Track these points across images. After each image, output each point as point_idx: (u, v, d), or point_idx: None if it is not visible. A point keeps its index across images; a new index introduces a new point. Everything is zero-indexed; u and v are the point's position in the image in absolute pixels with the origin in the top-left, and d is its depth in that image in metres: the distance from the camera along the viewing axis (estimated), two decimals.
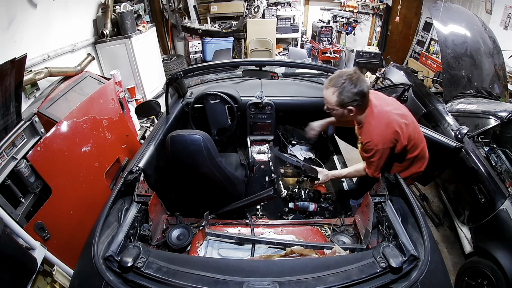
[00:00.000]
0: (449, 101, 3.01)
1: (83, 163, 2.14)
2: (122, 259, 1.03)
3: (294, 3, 6.33)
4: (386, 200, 1.42)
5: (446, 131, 2.72)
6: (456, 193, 2.64)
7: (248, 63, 2.54)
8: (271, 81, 2.46)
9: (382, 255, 1.08)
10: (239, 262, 1.23)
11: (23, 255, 1.52)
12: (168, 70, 5.34)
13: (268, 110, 2.59)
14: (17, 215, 1.69)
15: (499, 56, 3.17)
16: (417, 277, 1.03)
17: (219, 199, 1.93)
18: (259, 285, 0.98)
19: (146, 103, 2.51)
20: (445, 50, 2.94)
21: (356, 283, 1.00)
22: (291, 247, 1.31)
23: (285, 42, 6.65)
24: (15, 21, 2.70)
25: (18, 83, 1.87)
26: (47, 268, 1.70)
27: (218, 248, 1.41)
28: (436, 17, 3.10)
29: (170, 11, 5.63)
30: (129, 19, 4.11)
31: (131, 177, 1.53)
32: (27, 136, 1.94)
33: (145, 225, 1.45)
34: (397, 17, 5.92)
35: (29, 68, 2.74)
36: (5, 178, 1.68)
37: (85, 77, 3.01)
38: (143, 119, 4.31)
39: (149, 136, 2.18)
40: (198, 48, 5.84)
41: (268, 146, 2.60)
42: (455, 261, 2.62)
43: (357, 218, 1.64)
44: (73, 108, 2.24)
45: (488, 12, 4.64)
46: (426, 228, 1.22)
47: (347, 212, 2.01)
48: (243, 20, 5.80)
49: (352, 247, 1.44)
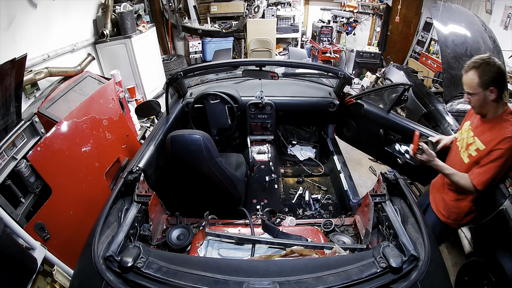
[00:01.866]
0: (449, 101, 3.02)
1: (83, 163, 2.15)
2: (122, 259, 1.03)
3: (294, 3, 6.33)
4: (386, 200, 1.42)
5: (446, 131, 2.72)
6: None
7: (248, 63, 2.54)
8: (271, 81, 2.46)
9: (382, 255, 1.08)
10: (239, 262, 1.23)
11: (23, 255, 1.52)
12: (168, 70, 5.34)
13: (268, 110, 2.59)
14: (17, 215, 1.69)
15: (499, 56, 3.16)
16: (417, 277, 1.03)
17: (219, 199, 1.93)
18: (259, 285, 0.98)
19: (146, 103, 2.52)
20: (445, 50, 2.93)
21: (356, 283, 1.00)
22: (291, 247, 1.31)
23: (285, 42, 6.65)
24: (15, 21, 2.70)
25: (18, 83, 1.87)
26: (47, 268, 1.70)
27: (218, 248, 1.41)
28: (436, 17, 3.09)
29: (170, 11, 5.63)
30: (129, 19, 4.11)
31: (131, 177, 1.53)
32: (27, 136, 1.94)
33: (145, 225, 1.45)
34: (397, 17, 5.92)
35: (29, 68, 2.74)
36: (5, 178, 1.68)
37: (85, 77, 3.01)
38: (143, 119, 4.31)
39: (149, 136, 2.18)
40: (198, 48, 5.84)
41: (268, 146, 2.60)
42: (455, 261, 2.62)
43: (357, 218, 1.64)
44: (73, 108, 2.24)
45: (488, 12, 4.64)
46: (426, 228, 1.22)
47: (347, 212, 2.01)
48: (243, 20, 5.80)
49: (352, 247, 1.44)
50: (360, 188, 3.33)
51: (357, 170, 3.72)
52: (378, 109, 2.35)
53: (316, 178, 2.89)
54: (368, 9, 6.36)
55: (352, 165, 3.66)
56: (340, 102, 2.62)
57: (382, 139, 2.32)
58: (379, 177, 1.55)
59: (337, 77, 2.40)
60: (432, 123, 2.97)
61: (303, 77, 3.06)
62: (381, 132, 2.31)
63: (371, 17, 6.43)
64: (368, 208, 1.49)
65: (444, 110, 2.92)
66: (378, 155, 2.56)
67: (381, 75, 4.58)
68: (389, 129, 2.29)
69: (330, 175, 2.89)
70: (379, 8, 6.21)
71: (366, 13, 6.40)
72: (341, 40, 6.59)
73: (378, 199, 1.44)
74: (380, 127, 2.31)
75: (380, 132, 2.31)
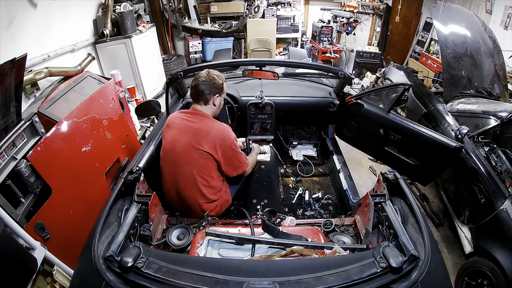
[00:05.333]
0: (449, 101, 3.02)
1: (83, 163, 2.14)
2: (122, 259, 1.03)
3: (294, 3, 6.33)
4: (386, 200, 1.42)
5: (446, 131, 2.72)
6: (456, 193, 2.64)
7: (248, 63, 2.54)
8: (271, 81, 2.46)
9: (382, 255, 1.08)
10: (239, 262, 1.23)
11: (23, 255, 1.52)
12: (168, 70, 5.34)
13: (268, 110, 2.59)
14: (17, 215, 1.69)
15: (499, 56, 3.17)
16: (417, 277, 1.03)
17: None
18: (259, 285, 0.98)
19: (146, 103, 2.52)
20: (445, 50, 2.94)
21: (356, 283, 1.00)
22: (291, 247, 1.31)
23: (285, 42, 6.65)
24: (15, 21, 2.70)
25: (18, 83, 1.87)
26: (47, 268, 1.70)
27: (218, 248, 1.41)
28: (436, 17, 3.10)
29: (170, 11, 5.63)
30: (129, 19, 4.11)
31: (131, 177, 1.53)
32: (27, 136, 1.94)
33: (145, 225, 1.45)
34: (397, 17, 5.92)
35: (29, 68, 2.74)
36: (5, 178, 1.68)
37: (85, 77, 3.01)
38: (143, 119, 4.31)
39: (149, 136, 2.18)
40: (198, 48, 5.84)
41: (269, 146, 2.60)
42: (455, 261, 2.62)
43: (357, 218, 1.64)
44: (73, 108, 2.24)
45: (488, 12, 4.64)
46: (426, 228, 1.22)
47: (347, 212, 2.01)
48: (243, 20, 5.80)
49: (352, 247, 1.44)
50: (360, 188, 3.33)
51: (357, 170, 3.72)
52: (378, 109, 2.35)
53: (316, 178, 2.89)
54: (368, 9, 6.36)
55: (352, 165, 3.66)
56: (340, 102, 2.62)
57: (382, 139, 2.32)
58: (379, 177, 1.55)
59: (337, 77, 2.40)
60: (432, 123, 2.97)
61: (303, 77, 3.06)
62: (381, 132, 2.31)
63: (371, 17, 6.44)
64: (368, 208, 1.49)
65: (444, 110, 2.92)
66: (378, 155, 2.56)
67: (381, 75, 4.58)
68: (389, 129, 2.29)
69: (330, 175, 2.89)
70: (379, 8, 6.21)
71: (366, 13, 6.40)
72: (341, 40, 6.59)
73: (378, 199, 1.44)
74: (380, 127, 2.31)
75: (380, 132, 2.31)
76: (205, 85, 1.75)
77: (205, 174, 1.76)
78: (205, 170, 1.76)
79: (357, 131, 2.60)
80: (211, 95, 1.78)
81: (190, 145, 1.72)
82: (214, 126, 1.76)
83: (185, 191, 1.77)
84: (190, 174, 1.74)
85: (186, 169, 1.74)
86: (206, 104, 1.80)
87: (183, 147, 1.73)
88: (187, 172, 1.74)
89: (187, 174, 1.74)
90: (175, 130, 1.79)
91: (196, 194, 1.77)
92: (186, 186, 1.76)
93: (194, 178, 1.74)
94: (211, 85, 1.76)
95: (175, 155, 1.76)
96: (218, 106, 1.85)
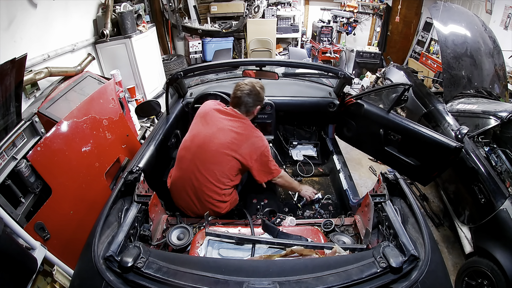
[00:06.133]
0: (449, 101, 3.02)
1: (83, 163, 2.15)
2: (122, 259, 1.03)
3: (294, 3, 6.33)
4: (386, 200, 1.42)
5: (446, 131, 2.72)
6: (456, 193, 2.64)
7: (248, 63, 2.54)
8: (271, 81, 2.46)
9: (382, 255, 1.08)
10: (239, 262, 1.23)
11: (23, 255, 1.52)
12: (168, 70, 5.34)
13: (268, 110, 2.58)
14: (17, 215, 1.69)
15: (499, 56, 3.17)
16: (417, 277, 1.03)
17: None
18: (259, 285, 0.98)
19: (146, 103, 2.51)
20: (445, 50, 2.94)
21: (356, 283, 1.00)
22: (291, 247, 1.31)
23: (285, 42, 6.65)
24: (15, 21, 2.70)
25: (18, 83, 1.87)
26: (47, 268, 1.70)
27: (218, 248, 1.41)
28: (436, 17, 3.10)
29: (170, 11, 5.63)
30: (129, 19, 4.11)
31: (131, 177, 1.53)
32: (27, 136, 1.94)
33: (145, 225, 1.45)
34: (397, 17, 5.92)
35: (29, 68, 2.74)
36: (5, 178, 1.68)
37: (85, 77, 3.01)
38: (143, 119, 4.31)
39: (149, 136, 2.18)
40: (198, 48, 5.84)
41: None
42: (455, 261, 2.62)
43: (357, 218, 1.64)
44: (73, 108, 2.24)
45: (488, 12, 4.64)
46: (426, 228, 1.22)
47: (347, 212, 2.01)
48: (243, 20, 5.80)
49: (352, 247, 1.44)
50: (360, 188, 3.33)
51: (357, 170, 3.72)
52: (378, 109, 2.35)
53: (316, 178, 2.89)
54: (368, 9, 6.36)
55: (352, 165, 3.66)
56: (340, 102, 2.62)
57: (382, 139, 2.32)
58: (379, 177, 1.55)
59: (337, 77, 2.40)
60: (432, 123, 2.97)
61: (303, 77, 3.06)
62: (381, 132, 2.31)
63: (371, 17, 6.44)
64: (368, 208, 1.49)
65: (444, 110, 2.92)
66: (378, 155, 2.56)
67: (381, 75, 4.58)
68: (389, 129, 2.29)
69: (330, 175, 2.89)
70: (379, 8, 6.21)
71: (366, 13, 6.40)
72: (341, 40, 6.60)
73: (378, 199, 1.44)
74: (380, 127, 2.31)
75: (380, 132, 2.31)
76: (250, 98, 1.80)
77: (228, 176, 1.76)
78: (230, 173, 1.77)
79: (357, 131, 2.60)
80: (254, 107, 1.84)
81: (225, 146, 1.72)
82: (253, 133, 1.80)
83: (202, 187, 1.75)
84: (215, 173, 1.73)
85: (213, 168, 1.73)
86: (247, 114, 1.85)
87: (218, 146, 1.73)
88: (213, 170, 1.73)
89: (212, 172, 1.73)
90: (213, 126, 1.78)
91: (213, 193, 1.76)
92: (207, 183, 1.74)
93: (217, 178, 1.74)
94: (256, 98, 1.82)
95: (206, 150, 1.74)
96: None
